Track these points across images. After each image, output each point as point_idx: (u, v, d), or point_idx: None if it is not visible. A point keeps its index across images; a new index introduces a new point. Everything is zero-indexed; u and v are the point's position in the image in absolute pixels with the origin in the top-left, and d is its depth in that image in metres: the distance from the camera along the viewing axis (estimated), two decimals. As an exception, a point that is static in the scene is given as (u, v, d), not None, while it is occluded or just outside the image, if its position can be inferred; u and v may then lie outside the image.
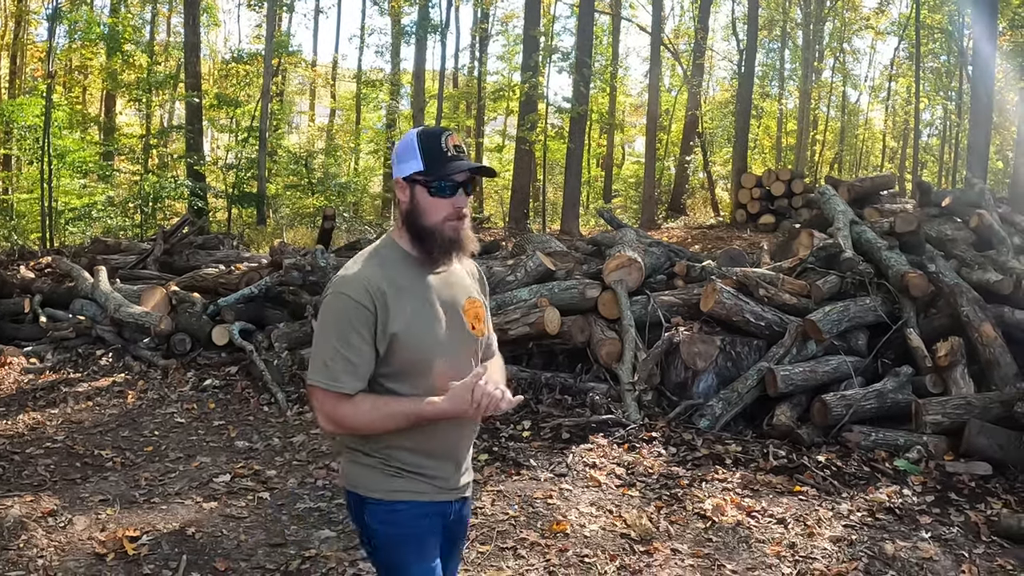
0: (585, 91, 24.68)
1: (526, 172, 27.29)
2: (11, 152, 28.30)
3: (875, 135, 43.65)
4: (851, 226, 10.00)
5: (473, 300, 3.11)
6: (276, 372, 9.33)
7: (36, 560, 5.22)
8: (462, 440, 3.10)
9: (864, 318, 8.49)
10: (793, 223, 15.21)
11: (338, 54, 52.72)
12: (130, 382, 9.73)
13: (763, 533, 5.74)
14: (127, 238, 19.81)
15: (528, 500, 6.26)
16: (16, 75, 35.29)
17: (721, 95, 44.06)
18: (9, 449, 7.48)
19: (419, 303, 2.91)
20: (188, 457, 7.32)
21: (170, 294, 11.41)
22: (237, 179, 26.43)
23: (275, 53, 27.66)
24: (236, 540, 5.59)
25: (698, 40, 29.73)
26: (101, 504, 6.18)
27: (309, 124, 44.74)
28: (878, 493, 6.43)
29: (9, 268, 15.12)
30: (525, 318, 8.75)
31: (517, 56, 36.91)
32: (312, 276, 10.65)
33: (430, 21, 30.58)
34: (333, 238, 13.99)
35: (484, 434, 7.75)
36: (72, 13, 26.98)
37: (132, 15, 32.26)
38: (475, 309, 3.09)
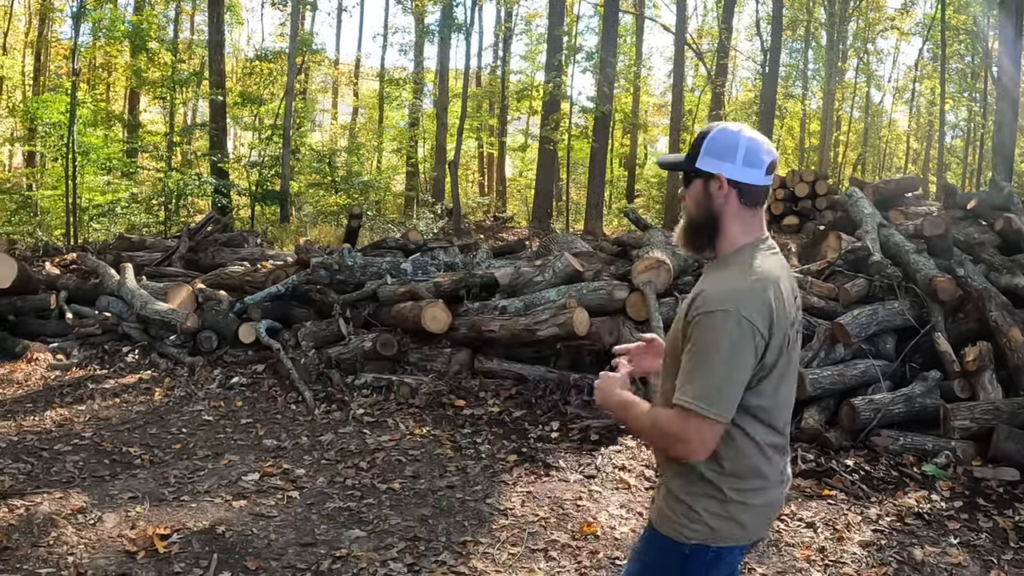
0: (609, 91, 24.66)
1: (550, 172, 27.31)
2: (36, 149, 28.48)
3: (899, 136, 43.53)
4: (879, 229, 9.96)
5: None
6: (303, 370, 9.34)
7: (67, 557, 5.22)
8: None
9: (892, 322, 8.44)
10: (817, 225, 15.12)
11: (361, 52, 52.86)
12: (157, 379, 9.75)
13: (792, 537, 5.73)
14: (151, 235, 19.90)
15: (558, 501, 6.25)
16: (41, 72, 35.56)
17: (744, 95, 44.00)
18: (37, 445, 7.49)
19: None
20: (216, 455, 7.32)
21: (196, 292, 11.44)
22: (261, 177, 26.52)
23: (299, 51, 27.72)
24: (266, 539, 5.59)
25: (722, 40, 29.67)
26: (131, 501, 6.18)
27: (332, 122, 44.96)
28: (907, 498, 6.41)
29: (35, 264, 15.20)
30: (554, 319, 8.74)
31: (540, 55, 37.01)
32: (339, 275, 10.65)
33: (454, 20, 30.61)
34: (358, 236, 13.99)
35: (513, 435, 7.77)
36: (97, 11, 27.07)
37: (156, 13, 32.39)
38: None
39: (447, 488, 6.52)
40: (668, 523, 2.81)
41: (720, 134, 2.79)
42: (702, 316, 2.58)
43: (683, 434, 2.59)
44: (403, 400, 8.66)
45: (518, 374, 9.07)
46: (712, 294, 2.62)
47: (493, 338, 9.21)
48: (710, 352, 2.55)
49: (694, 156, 2.80)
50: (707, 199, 2.79)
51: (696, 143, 2.82)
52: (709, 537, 2.75)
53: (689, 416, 2.56)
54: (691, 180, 2.83)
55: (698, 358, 2.57)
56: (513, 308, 9.45)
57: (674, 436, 2.61)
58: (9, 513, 5.82)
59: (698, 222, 2.82)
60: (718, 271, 2.77)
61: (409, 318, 9.59)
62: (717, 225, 2.79)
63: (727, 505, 2.74)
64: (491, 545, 5.53)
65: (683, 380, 2.59)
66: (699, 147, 2.79)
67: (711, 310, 2.57)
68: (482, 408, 8.41)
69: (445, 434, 7.76)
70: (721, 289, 2.63)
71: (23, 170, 31.94)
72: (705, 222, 2.80)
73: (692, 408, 2.54)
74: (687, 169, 2.83)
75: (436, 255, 11.79)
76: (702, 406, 2.54)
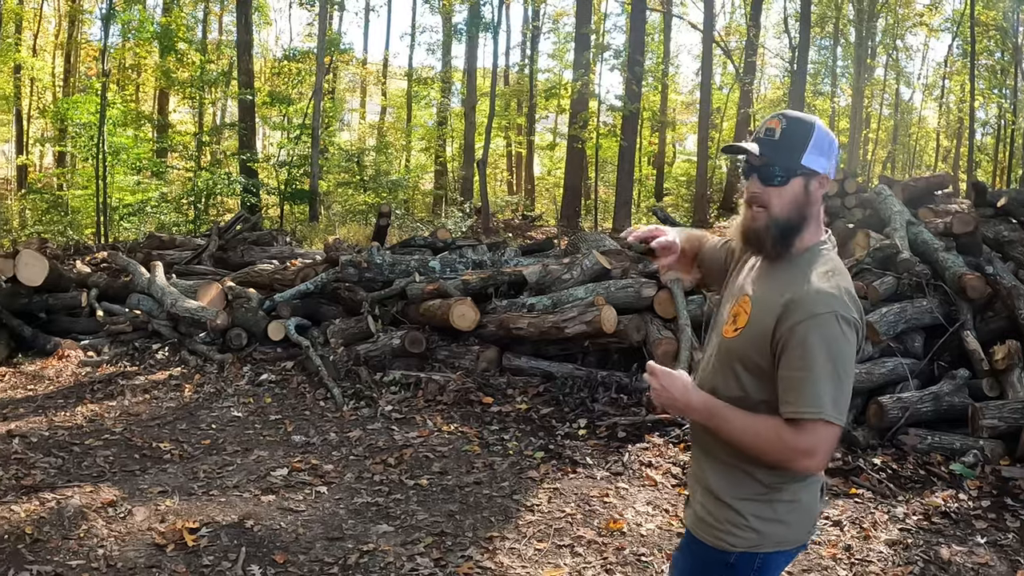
0: (637, 89, 24.61)
1: (578, 170, 27.31)
2: (66, 149, 28.72)
3: (928, 134, 43.27)
4: (908, 227, 9.91)
5: (745, 298, 2.71)
6: (332, 367, 9.38)
7: (97, 550, 5.27)
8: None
9: (921, 320, 8.38)
10: (846, 223, 15.03)
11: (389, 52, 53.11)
12: (187, 376, 9.82)
13: (819, 535, 5.71)
14: (181, 234, 20.01)
15: (585, 498, 6.27)
16: (71, 74, 35.83)
17: (773, 93, 43.80)
18: (68, 440, 7.56)
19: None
20: (245, 451, 7.37)
21: (226, 289, 11.50)
22: (289, 176, 26.63)
23: (327, 51, 27.80)
24: (294, 533, 5.63)
25: (750, 37, 29.56)
26: (160, 495, 6.23)
27: (360, 121, 45.12)
28: (934, 497, 6.37)
29: (66, 263, 15.31)
30: (582, 316, 8.76)
31: (568, 54, 36.99)
32: (368, 273, 10.70)
33: (481, 19, 30.63)
34: (387, 235, 14.03)
35: (540, 432, 7.79)
36: (125, 13, 27.26)
37: (184, 14, 32.59)
38: (739, 307, 2.72)
39: (474, 484, 6.55)
40: (710, 530, 2.73)
41: (822, 130, 2.63)
42: (807, 322, 2.46)
43: (815, 447, 2.47)
44: (431, 397, 8.69)
45: (546, 371, 9.10)
46: (808, 298, 2.50)
47: (521, 336, 9.24)
48: (825, 358, 2.45)
49: (796, 151, 2.59)
50: (807, 199, 2.63)
51: (796, 136, 2.61)
52: (756, 543, 2.66)
53: (822, 427, 2.44)
54: (789, 178, 2.60)
55: (815, 366, 2.44)
56: (541, 306, 9.47)
57: (803, 450, 2.46)
58: (40, 506, 5.88)
59: (791, 224, 2.63)
60: (798, 270, 2.62)
61: (437, 316, 9.62)
62: (804, 226, 2.65)
63: (776, 505, 2.66)
64: (517, 540, 5.55)
65: (803, 389, 2.45)
66: (803, 142, 2.59)
67: (815, 314, 2.46)
68: (510, 405, 8.44)
69: (473, 431, 7.79)
70: (816, 292, 2.51)
71: (54, 170, 32.24)
72: (798, 224, 2.63)
73: (830, 419, 2.43)
74: (791, 166, 2.60)
75: (464, 253, 11.80)
76: (835, 416, 2.44)
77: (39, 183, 29.99)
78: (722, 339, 2.72)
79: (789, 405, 2.47)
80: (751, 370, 2.61)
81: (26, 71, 33.65)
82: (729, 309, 2.75)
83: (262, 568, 5.12)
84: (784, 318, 2.50)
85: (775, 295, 2.57)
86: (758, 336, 2.57)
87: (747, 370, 2.61)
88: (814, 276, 2.56)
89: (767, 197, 2.61)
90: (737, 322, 2.66)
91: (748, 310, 2.63)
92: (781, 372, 2.51)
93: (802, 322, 2.46)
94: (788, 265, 2.64)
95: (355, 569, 5.16)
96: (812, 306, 2.47)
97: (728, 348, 2.68)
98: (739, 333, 2.64)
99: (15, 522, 5.60)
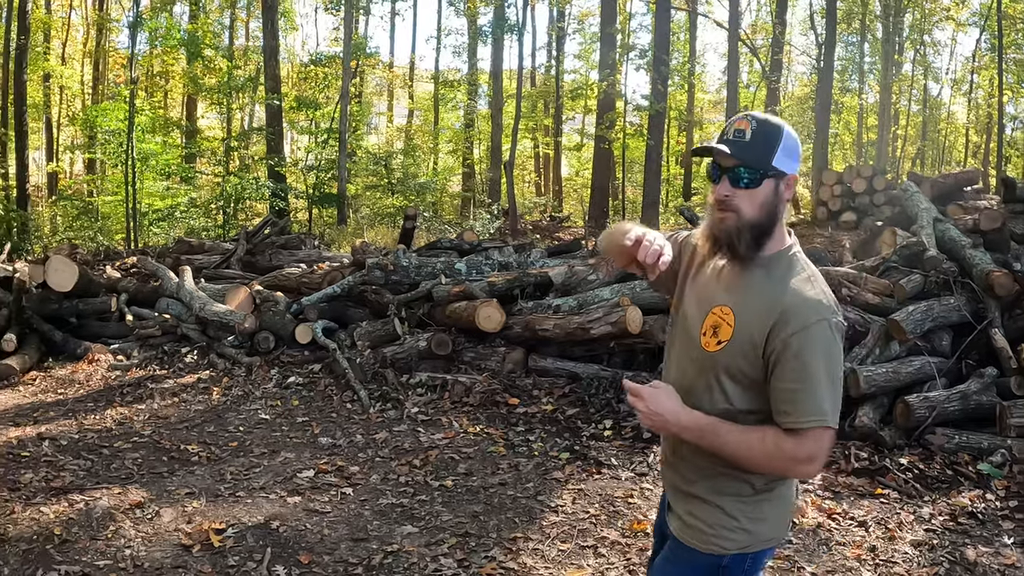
0: (663, 88, 24.57)
1: (605, 170, 27.29)
2: (96, 156, 28.96)
3: (958, 129, 42.92)
4: (934, 224, 9.84)
5: (724, 309, 2.67)
6: (359, 370, 9.42)
7: (124, 550, 5.33)
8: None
9: (948, 318, 8.28)
10: (875, 221, 14.97)
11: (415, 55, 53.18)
12: (215, 379, 9.89)
13: (844, 536, 5.68)
14: (209, 239, 20.13)
15: (609, 499, 6.28)
16: (99, 81, 36.15)
17: (800, 91, 43.63)
18: (97, 443, 7.64)
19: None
20: (272, 453, 7.42)
21: (254, 293, 11.56)
22: (317, 180, 26.73)
23: (353, 55, 27.89)
24: (319, 534, 5.67)
25: (776, 35, 29.43)
26: (187, 497, 6.29)
27: (388, 125, 45.17)
28: (960, 497, 6.30)
29: (96, 268, 15.45)
30: (607, 317, 8.76)
31: (594, 54, 36.98)
32: (394, 275, 10.74)
33: (506, 21, 30.65)
34: (414, 238, 14.07)
35: (565, 433, 7.80)
36: (152, 20, 27.47)
37: (211, 21, 32.82)
38: (717, 319, 2.67)
39: (499, 485, 6.57)
40: (700, 536, 2.72)
41: (790, 132, 2.61)
42: (801, 334, 2.47)
43: (816, 454, 2.51)
44: (457, 399, 8.71)
45: (572, 372, 9.10)
46: (799, 308, 2.51)
47: (547, 337, 9.25)
48: (822, 367, 2.47)
49: (767, 153, 2.57)
50: (776, 200, 2.60)
51: (767, 139, 2.58)
52: (747, 544, 2.69)
53: (823, 433, 2.48)
54: (761, 180, 2.57)
55: (814, 375, 2.46)
56: (567, 307, 9.48)
57: (805, 458, 2.51)
58: (69, 508, 5.96)
59: (762, 226, 2.60)
60: (776, 277, 2.61)
61: (463, 317, 9.65)
62: (773, 229, 2.63)
63: (763, 505, 2.68)
64: (541, 541, 5.56)
65: (804, 400, 2.47)
66: (773, 144, 2.57)
67: (808, 325, 2.48)
68: (535, 406, 8.45)
69: (498, 432, 7.81)
70: (805, 301, 2.53)
71: (84, 177, 32.55)
72: (768, 226, 2.61)
73: (831, 426, 2.48)
74: (763, 168, 2.57)
75: (490, 255, 11.82)
76: (834, 421, 2.49)
77: (69, 190, 30.27)
78: (703, 352, 2.65)
79: (788, 416, 2.49)
80: (738, 381, 2.59)
81: (55, 79, 33.98)
82: (702, 318, 2.69)
83: (287, 568, 5.17)
84: (777, 330, 2.50)
85: (760, 306, 2.56)
86: (747, 348, 2.55)
87: (733, 381, 2.60)
88: (798, 285, 2.56)
89: (737, 200, 2.58)
90: (720, 335, 2.62)
91: (731, 322, 2.59)
92: (776, 384, 2.51)
93: (796, 334, 2.47)
94: (763, 273, 2.62)
95: (379, 570, 5.19)
96: (804, 317, 2.48)
97: (712, 361, 2.63)
98: (723, 347, 2.60)
99: (44, 523, 5.68)
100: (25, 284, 11.39)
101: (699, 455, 2.68)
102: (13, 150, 25.38)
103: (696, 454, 2.69)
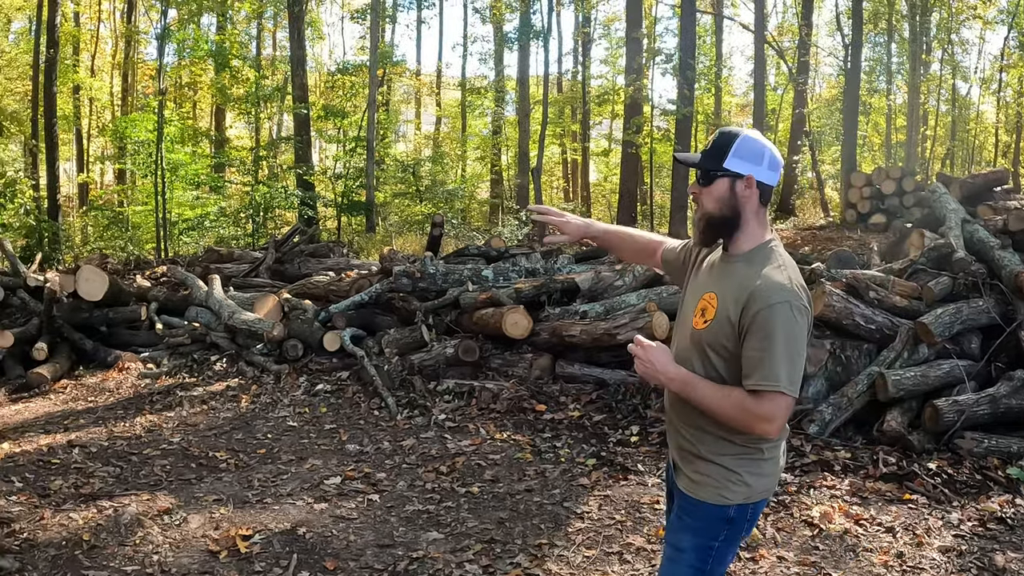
0: (689, 93, 24.46)
1: (633, 175, 27.23)
2: (126, 166, 29.17)
3: (987, 129, 42.52)
4: (963, 225, 9.76)
5: (711, 295, 3.12)
6: (386, 377, 9.45)
7: (152, 556, 5.38)
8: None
9: (977, 320, 8.20)
10: (904, 222, 14.85)
11: (441, 63, 53.02)
12: (243, 387, 9.94)
13: (871, 542, 5.64)
14: (239, 247, 20.23)
15: (635, 505, 6.26)
16: (128, 92, 36.42)
17: (827, 92, 43.38)
18: (127, 450, 7.71)
19: None
20: (300, 459, 7.46)
21: (282, 301, 11.62)
22: (346, 188, 26.78)
23: (379, 64, 27.96)
24: (345, 540, 5.69)
25: (802, 37, 29.25)
26: (215, 503, 6.34)
27: (415, 132, 45.28)
28: (990, 502, 6.23)
29: (126, 277, 15.58)
30: (634, 323, 8.74)
31: (620, 59, 36.91)
32: (421, 283, 10.75)
33: (532, 27, 30.68)
34: (442, 245, 14.09)
35: (592, 439, 7.79)
36: (180, 32, 27.64)
37: (238, 31, 32.98)
38: (705, 302, 3.12)
39: (525, 492, 6.57)
40: (710, 491, 3.11)
41: (748, 140, 3.07)
42: (765, 310, 2.88)
43: (772, 414, 2.89)
44: (484, 405, 8.72)
45: (599, 378, 9.09)
46: (765, 290, 2.91)
47: (574, 343, 9.24)
48: (781, 340, 2.86)
49: (719, 157, 3.06)
50: (731, 197, 3.07)
51: (720, 145, 3.08)
52: (748, 495, 3.09)
53: (779, 398, 2.87)
54: (713, 179, 3.07)
55: (773, 346, 2.86)
56: (593, 313, 9.47)
57: (763, 416, 2.89)
58: (98, 514, 6.02)
59: (720, 218, 3.09)
60: (753, 267, 3.02)
61: (490, 324, 9.66)
62: (738, 222, 3.08)
63: (760, 463, 3.09)
64: (566, 548, 5.56)
65: (763, 366, 2.87)
66: (725, 149, 3.06)
67: (771, 304, 2.88)
68: (562, 412, 8.44)
69: (525, 438, 7.82)
70: (771, 284, 2.93)
71: (114, 187, 32.79)
72: (727, 219, 3.08)
73: (785, 391, 2.86)
74: (713, 169, 3.07)
75: (517, 261, 11.83)
76: (790, 389, 2.87)
77: (100, 200, 30.48)
78: (693, 330, 3.11)
79: (750, 379, 2.90)
80: (720, 354, 3.03)
81: (85, 91, 34.26)
82: (696, 304, 3.15)
83: (313, 574, 5.19)
84: (747, 308, 2.93)
85: (736, 289, 2.99)
86: (725, 324, 3.00)
87: (717, 355, 3.04)
88: (768, 271, 2.98)
89: (702, 196, 3.12)
90: (706, 315, 3.07)
91: (715, 304, 3.06)
92: (744, 352, 2.94)
93: (761, 310, 2.89)
94: (744, 263, 3.06)
95: (404, 575, 5.20)
96: (768, 297, 2.89)
97: (700, 337, 3.08)
98: (708, 325, 3.05)
99: (73, 529, 5.74)
100: (56, 293, 11.50)
101: (702, 420, 3.11)
102: (44, 161, 25.62)
103: (699, 419, 3.12)
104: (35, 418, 9.11)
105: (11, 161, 31.64)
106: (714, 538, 3.14)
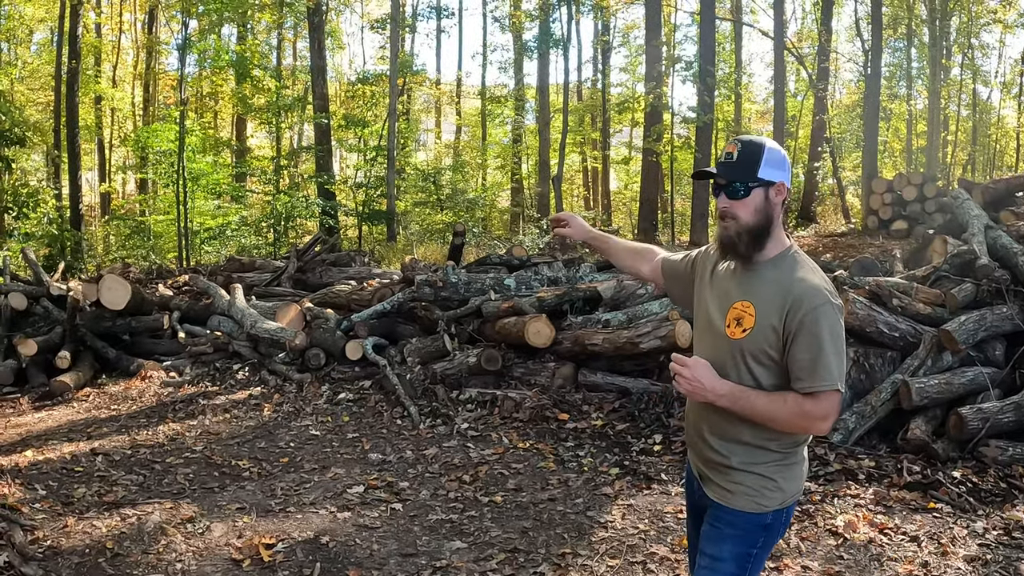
0: (709, 100, 24.43)
1: (654, 183, 27.15)
2: (148, 176, 29.33)
3: (1008, 133, 42.29)
4: (986, 231, 9.70)
5: (745, 304, 3.13)
6: (409, 386, 9.45)
7: (175, 564, 5.39)
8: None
9: (1001, 327, 8.14)
10: (927, 228, 14.78)
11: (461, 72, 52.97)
12: (266, 395, 9.96)
13: (895, 551, 5.59)
14: (260, 256, 20.29)
15: (659, 514, 6.24)
16: (150, 103, 36.61)
17: (848, 98, 43.22)
18: (150, 458, 7.73)
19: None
20: (323, 468, 7.46)
21: (304, 310, 11.64)
22: (367, 197, 26.83)
23: (399, 73, 28.03)
24: (368, 549, 5.68)
25: (822, 43, 29.16)
26: (238, 512, 6.35)
27: (436, 141, 45.37)
28: (1015, 511, 6.16)
29: (148, 286, 15.63)
30: (656, 331, 8.72)
31: (640, 67, 36.89)
32: (443, 292, 10.75)
33: (551, 36, 30.66)
34: (463, 254, 14.10)
35: (615, 448, 7.77)
36: (201, 42, 27.78)
37: (259, 42, 33.13)
38: (739, 312, 3.13)
39: (548, 501, 6.55)
40: (747, 500, 3.14)
41: (773, 147, 3.09)
42: (811, 314, 2.93)
43: (828, 412, 2.95)
44: (507, 414, 8.71)
45: (621, 387, 9.07)
46: (808, 294, 2.97)
47: (596, 352, 9.22)
48: (829, 340, 2.93)
49: (752, 168, 3.06)
50: (767, 206, 3.09)
51: (750, 155, 3.07)
52: (783, 500, 3.14)
53: (834, 395, 2.94)
54: (751, 191, 3.06)
55: (823, 347, 2.92)
56: (616, 321, 9.45)
57: (820, 416, 2.95)
58: (121, 522, 6.04)
59: (759, 228, 3.09)
60: (784, 272, 3.07)
61: (513, 333, 9.65)
62: (771, 229, 3.10)
63: (792, 467, 3.15)
64: (589, 557, 5.53)
65: (817, 367, 2.92)
66: (757, 159, 3.06)
67: (815, 307, 2.94)
68: (585, 421, 8.42)
69: (548, 447, 7.80)
70: (811, 288, 2.98)
71: (136, 196, 32.93)
72: (764, 227, 3.09)
73: (839, 388, 2.93)
74: (751, 181, 3.06)
75: (539, 270, 11.83)
76: (842, 385, 2.93)
77: (122, 209, 30.62)
78: (730, 340, 3.10)
79: (804, 382, 2.95)
80: (762, 362, 3.05)
81: (106, 102, 34.46)
82: (723, 313, 3.16)
83: (336, 583, 5.19)
84: (791, 313, 2.97)
85: (775, 296, 3.02)
86: (768, 332, 3.02)
87: (758, 362, 3.05)
88: (802, 275, 3.04)
89: (734, 209, 3.09)
90: (743, 324, 3.08)
91: (752, 313, 3.07)
92: (793, 357, 2.97)
93: (807, 314, 2.94)
94: (773, 271, 3.10)
95: (428, 584, 5.20)
96: (812, 300, 2.95)
97: (740, 346, 3.07)
98: (747, 333, 3.06)
99: (96, 537, 5.76)
100: (79, 302, 11.56)
101: (735, 431, 3.13)
102: (66, 171, 25.79)
103: (732, 431, 3.14)
104: (58, 426, 9.14)
105: (34, 171, 31.87)
106: (752, 545, 3.17)
